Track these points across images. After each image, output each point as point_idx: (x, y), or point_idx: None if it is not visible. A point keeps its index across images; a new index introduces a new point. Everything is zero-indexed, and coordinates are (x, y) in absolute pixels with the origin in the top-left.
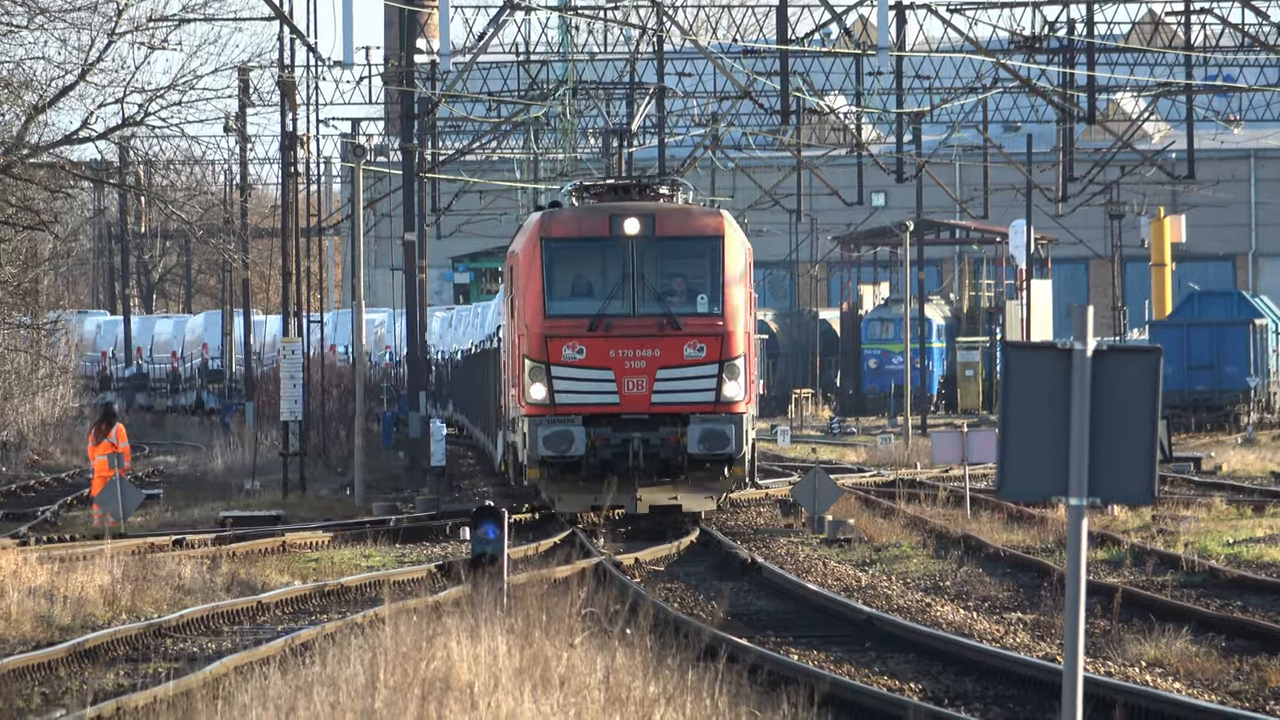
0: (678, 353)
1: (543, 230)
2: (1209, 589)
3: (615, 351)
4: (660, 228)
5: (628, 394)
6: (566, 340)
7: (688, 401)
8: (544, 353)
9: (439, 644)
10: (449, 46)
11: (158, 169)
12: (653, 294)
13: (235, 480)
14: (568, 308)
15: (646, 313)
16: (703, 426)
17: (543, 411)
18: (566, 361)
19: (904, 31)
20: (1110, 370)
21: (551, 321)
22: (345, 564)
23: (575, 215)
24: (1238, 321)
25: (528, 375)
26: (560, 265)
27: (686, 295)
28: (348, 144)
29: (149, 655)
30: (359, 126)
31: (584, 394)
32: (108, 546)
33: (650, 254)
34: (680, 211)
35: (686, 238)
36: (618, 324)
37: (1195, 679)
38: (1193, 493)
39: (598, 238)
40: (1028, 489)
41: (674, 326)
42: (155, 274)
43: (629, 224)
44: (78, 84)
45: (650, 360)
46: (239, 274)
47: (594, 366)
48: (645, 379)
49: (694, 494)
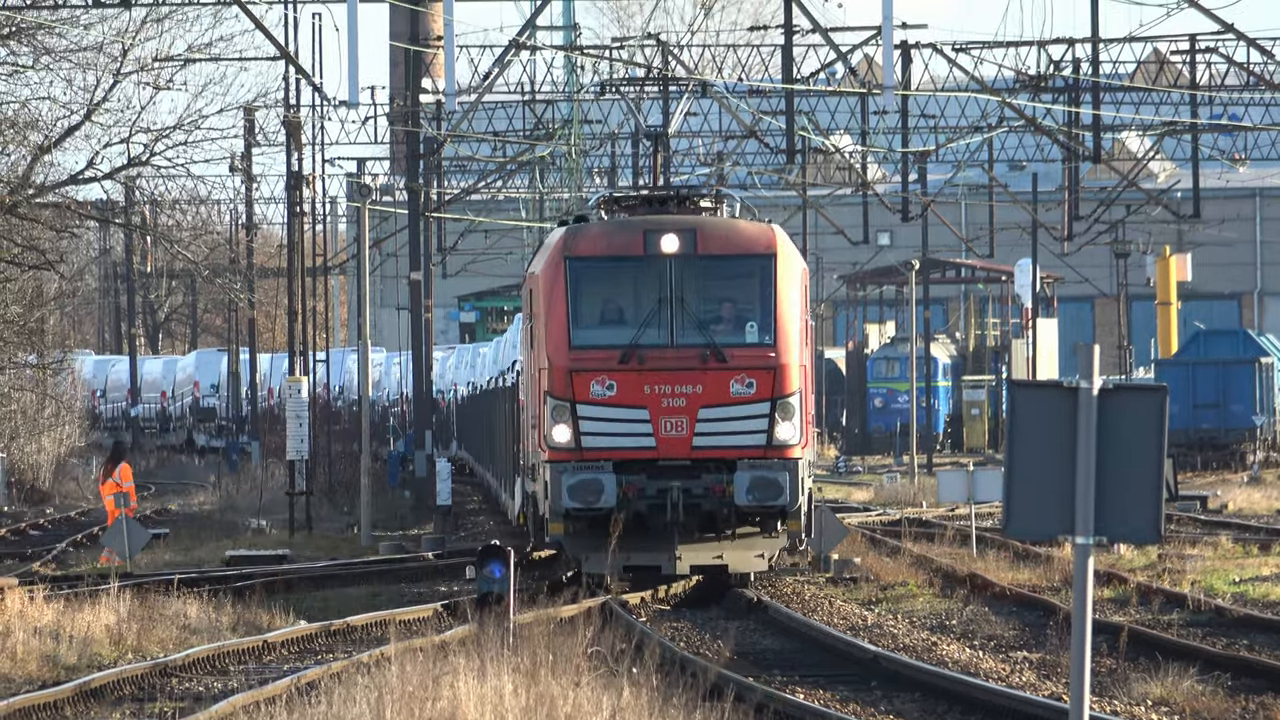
0: (723, 389)
1: (567, 248)
2: (1215, 628)
3: (651, 387)
4: (703, 245)
5: (665, 437)
6: (595, 375)
7: (735, 445)
8: (569, 389)
9: (445, 683)
10: (454, 86)
11: (163, 208)
12: (694, 321)
13: (241, 519)
14: (596, 337)
15: (687, 343)
16: (752, 474)
17: (567, 457)
18: (595, 399)
19: (909, 71)
20: (1116, 409)
21: (577, 353)
22: (351, 602)
23: (604, 231)
24: (1243, 360)
25: (550, 415)
26: (587, 288)
27: (733, 323)
28: (353, 183)
29: (155, 695)
30: (364, 166)
31: (615, 436)
32: (114, 586)
33: (691, 275)
34: (725, 226)
35: (733, 256)
36: (653, 356)
37: (1201, 718)
38: (1199, 531)
39: (630, 256)
40: (1034, 528)
41: (719, 359)
42: (161, 313)
43: (666, 240)
44: (83, 124)
45: (691, 398)
46: (244, 313)
47: (626, 405)
48: (685, 419)
49: (742, 552)
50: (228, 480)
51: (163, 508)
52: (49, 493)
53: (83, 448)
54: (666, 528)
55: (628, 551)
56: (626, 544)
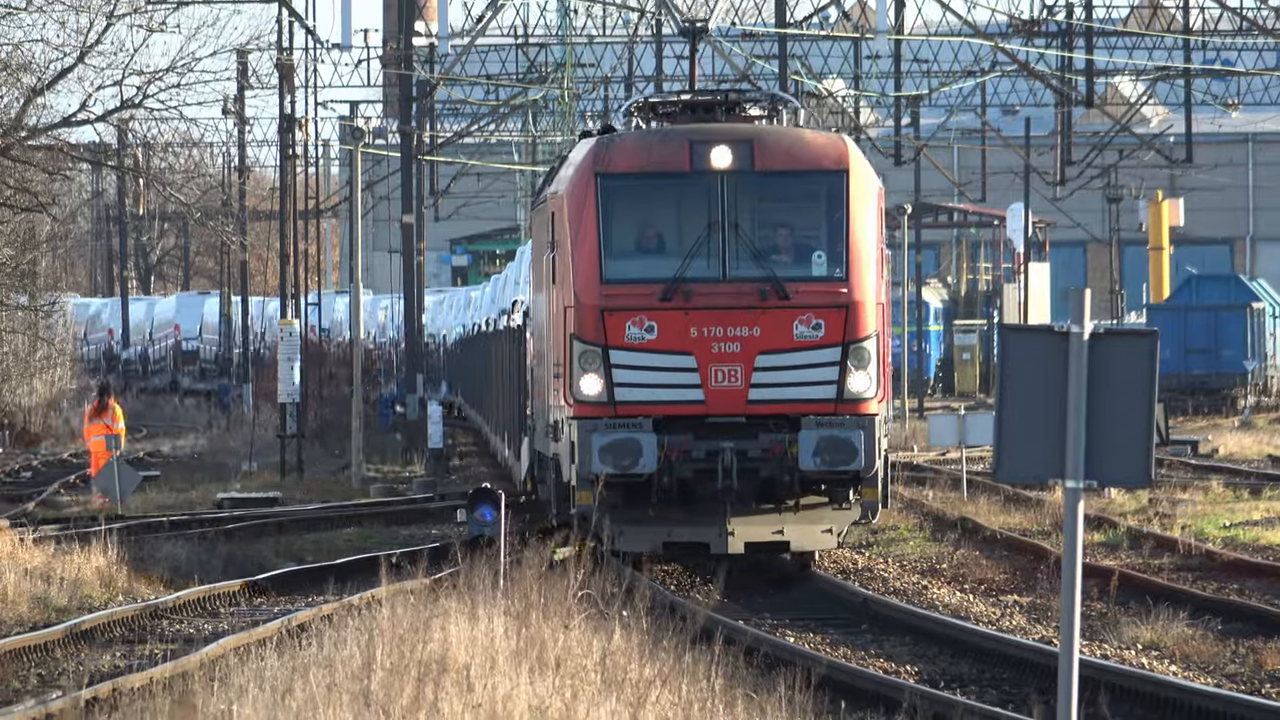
0: (785, 331)
1: (598, 162)
2: (1205, 572)
3: (698, 330)
4: (761, 159)
5: (716, 389)
6: (631, 314)
7: (799, 399)
8: (600, 332)
9: (436, 626)
10: (448, 29)
11: (156, 151)
12: (750, 250)
13: (233, 461)
14: (633, 270)
15: (742, 276)
16: (820, 433)
17: (598, 412)
18: (631, 344)
19: (902, 15)
20: (1107, 353)
21: (610, 289)
22: (343, 545)
23: (643, 142)
24: (1235, 305)
25: (577, 362)
26: (623, 212)
27: (797, 252)
28: (346, 126)
29: (146, 637)
30: (357, 109)
31: (655, 388)
32: (103, 528)
33: (748, 195)
34: (788, 136)
35: (797, 172)
36: (702, 292)
37: (1191, 662)
38: (1190, 476)
39: (674, 173)
40: (1025, 471)
41: (780, 295)
42: (153, 256)
43: (718, 154)
44: (76, 66)
45: (747, 342)
46: (237, 256)
47: (669, 351)
48: (740, 368)
49: (807, 527)
50: (219, 423)
51: (155, 450)
52: (40, 435)
53: (74, 391)
54: (716, 497)
55: (669, 526)
56: (668, 517)
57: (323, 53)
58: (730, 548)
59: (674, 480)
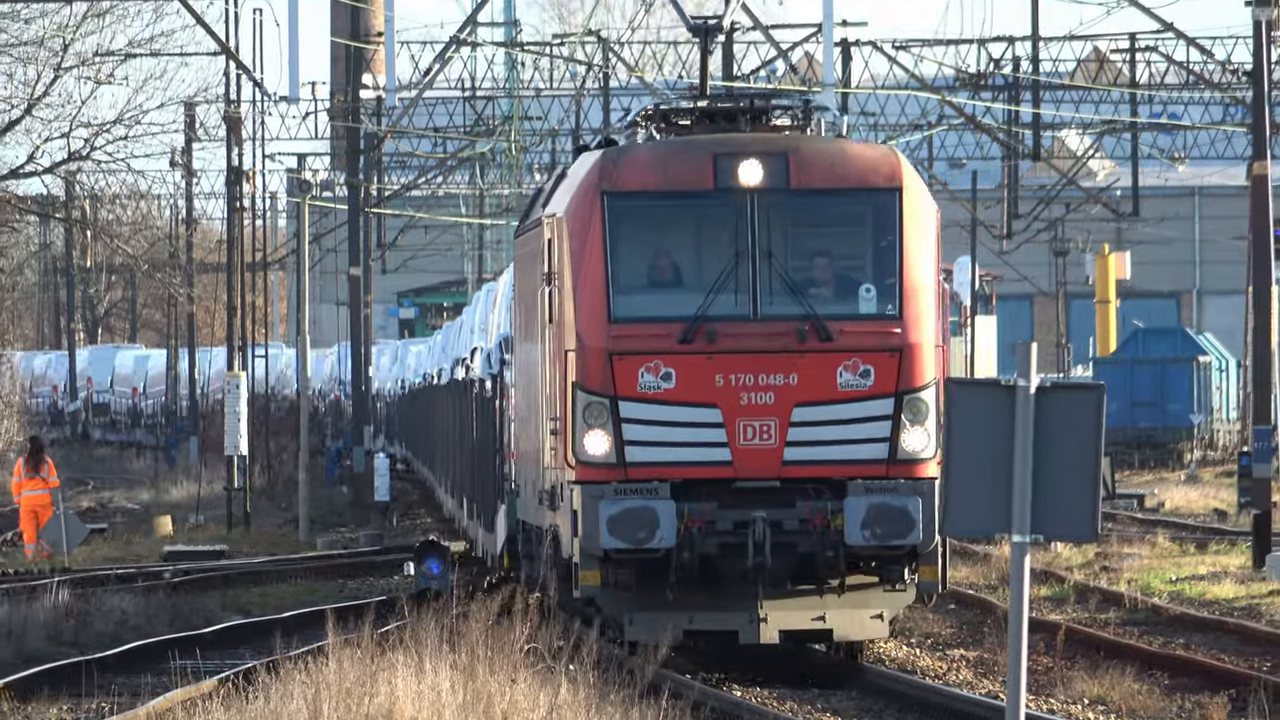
0: (828, 380)
1: (605, 179)
2: (1151, 626)
3: (725, 378)
4: (798, 175)
5: (745, 447)
6: (645, 359)
7: (844, 459)
8: (608, 380)
9: (383, 680)
10: (395, 82)
11: (104, 203)
12: (786, 284)
13: (180, 514)
14: (646, 306)
15: (776, 314)
16: (870, 501)
17: (606, 476)
18: (645, 395)
19: (850, 68)
20: (1054, 407)
21: (620, 329)
22: (289, 598)
23: (658, 155)
24: (1181, 359)
25: (581, 417)
26: (634, 237)
27: (842, 286)
28: (293, 179)
29: (92, 691)
30: (305, 161)
31: (674, 447)
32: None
33: (783, 217)
34: (831, 149)
35: (842, 190)
36: (729, 333)
37: (1138, 717)
38: (1136, 530)
39: (695, 191)
40: (972, 525)
41: (822, 337)
42: (101, 308)
43: (747, 169)
44: (24, 118)
45: (782, 392)
46: (184, 309)
47: (690, 403)
48: (774, 423)
49: (854, 611)
50: (165, 476)
51: (99, 504)
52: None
53: (21, 444)
54: (746, 576)
55: (690, 611)
56: (689, 600)
57: (270, 105)
58: (762, 636)
59: (695, 556)
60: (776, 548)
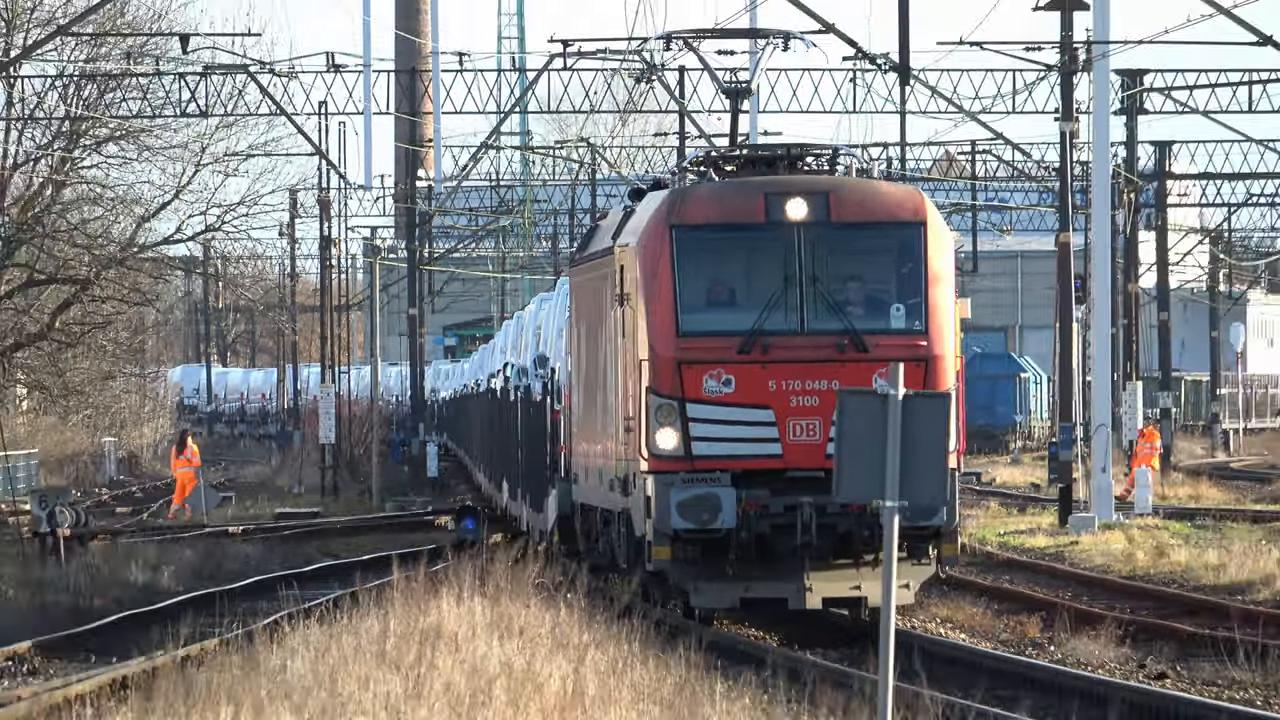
0: (865, 385)
1: (673, 214)
2: (986, 568)
3: (776, 383)
4: (837, 210)
5: (794, 443)
6: (708, 367)
7: None
8: (677, 385)
9: (433, 605)
10: (441, 175)
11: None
12: (828, 303)
13: (287, 486)
14: (709, 322)
15: (820, 329)
16: None
17: (675, 466)
18: (708, 397)
19: None
20: (914, 410)
21: (687, 342)
22: (366, 546)
23: (716, 193)
24: (1007, 375)
25: (653, 416)
26: (697, 264)
27: (875, 305)
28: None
29: (224, 612)
30: (376, 232)
31: (733, 442)
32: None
33: (824, 247)
34: (864, 188)
35: (875, 224)
36: (780, 345)
37: (976, 631)
38: (974, 498)
39: (750, 224)
40: (857, 493)
41: (859, 348)
42: (229, 338)
43: (793, 205)
44: (173, 201)
45: (826, 395)
46: (289, 338)
47: (747, 404)
48: (819, 422)
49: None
50: (277, 458)
51: (227, 479)
52: (146, 468)
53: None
54: (795, 552)
55: (747, 581)
56: (746, 572)
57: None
58: (808, 603)
59: (751, 535)
60: (820, 528)
